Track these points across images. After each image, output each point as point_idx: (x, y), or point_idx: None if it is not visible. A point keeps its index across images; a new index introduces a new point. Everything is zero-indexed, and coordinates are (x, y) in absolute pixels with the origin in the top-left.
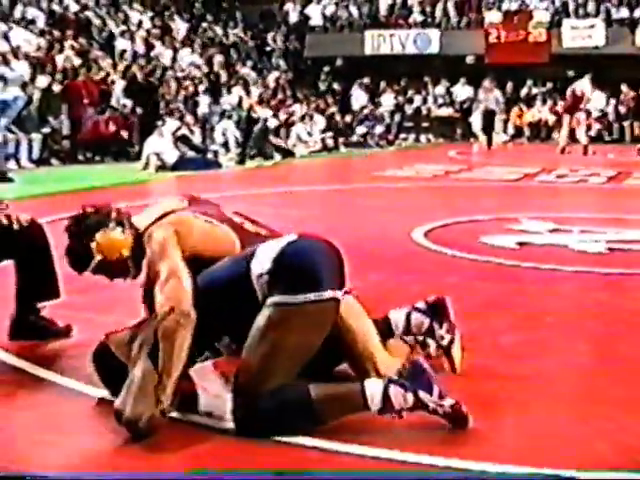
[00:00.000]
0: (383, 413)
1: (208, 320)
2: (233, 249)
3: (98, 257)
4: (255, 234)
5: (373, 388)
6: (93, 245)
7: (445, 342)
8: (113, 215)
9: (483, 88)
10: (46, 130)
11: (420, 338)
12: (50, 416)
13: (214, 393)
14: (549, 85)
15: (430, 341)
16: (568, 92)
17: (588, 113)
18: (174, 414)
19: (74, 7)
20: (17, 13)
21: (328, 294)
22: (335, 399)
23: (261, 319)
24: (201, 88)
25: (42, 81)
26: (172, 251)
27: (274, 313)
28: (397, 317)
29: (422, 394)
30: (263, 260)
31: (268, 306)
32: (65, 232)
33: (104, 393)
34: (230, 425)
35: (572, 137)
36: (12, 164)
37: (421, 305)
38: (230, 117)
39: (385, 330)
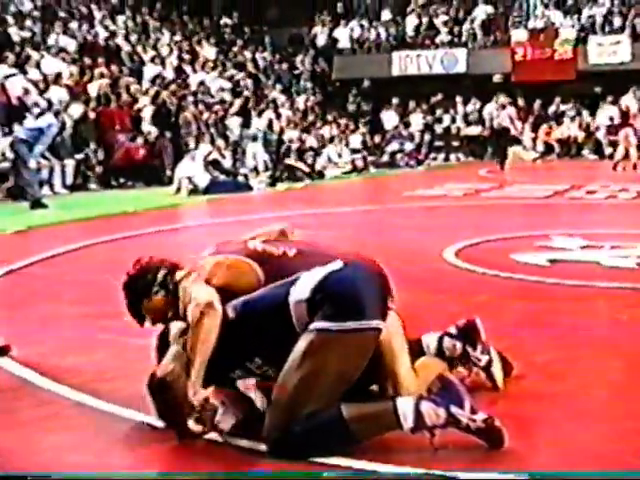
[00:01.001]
0: (416, 431)
1: (243, 339)
2: (255, 280)
3: (149, 317)
4: (285, 258)
5: (405, 406)
6: (142, 310)
7: (483, 363)
8: (159, 276)
9: (497, 105)
10: (79, 156)
11: (456, 362)
12: (87, 439)
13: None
14: (577, 102)
15: (467, 364)
16: (616, 108)
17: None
18: (209, 435)
19: (104, 34)
20: (49, 41)
21: (370, 323)
22: (368, 418)
23: (301, 344)
24: (231, 112)
25: (75, 108)
26: (199, 281)
27: (315, 338)
28: (429, 340)
29: (454, 409)
30: (303, 288)
31: (310, 331)
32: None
33: (140, 415)
34: (263, 447)
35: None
36: (46, 190)
37: (452, 330)
38: (256, 139)
39: (417, 351)
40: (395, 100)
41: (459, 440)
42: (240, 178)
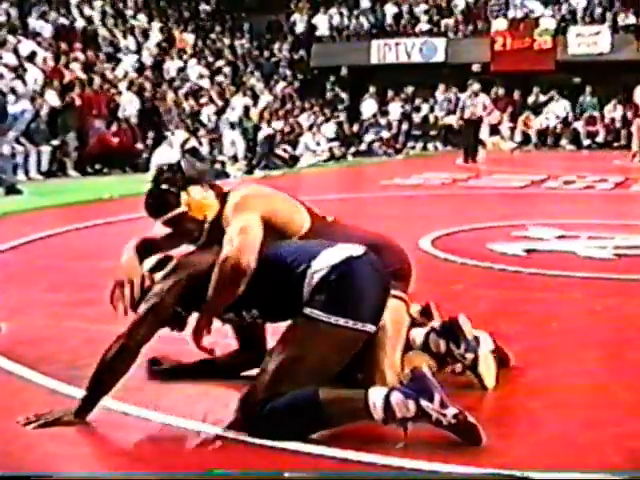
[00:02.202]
0: (387, 423)
1: (253, 289)
2: (302, 224)
3: (182, 209)
4: (325, 219)
5: (375, 396)
6: (184, 195)
7: (468, 361)
8: (208, 180)
9: (469, 92)
10: (55, 142)
11: (446, 358)
12: (62, 426)
13: None
14: (555, 92)
15: (453, 360)
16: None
17: None
18: (181, 423)
19: (81, 19)
20: (25, 25)
21: (363, 326)
22: (341, 403)
23: (291, 326)
24: (209, 99)
25: (50, 94)
26: (251, 206)
27: (305, 324)
28: (415, 335)
29: (423, 402)
30: (320, 265)
31: (303, 315)
32: (157, 173)
33: (114, 404)
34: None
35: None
36: (21, 176)
37: (437, 326)
38: (234, 127)
39: (405, 346)
40: (373, 88)
41: (435, 433)
42: (217, 165)
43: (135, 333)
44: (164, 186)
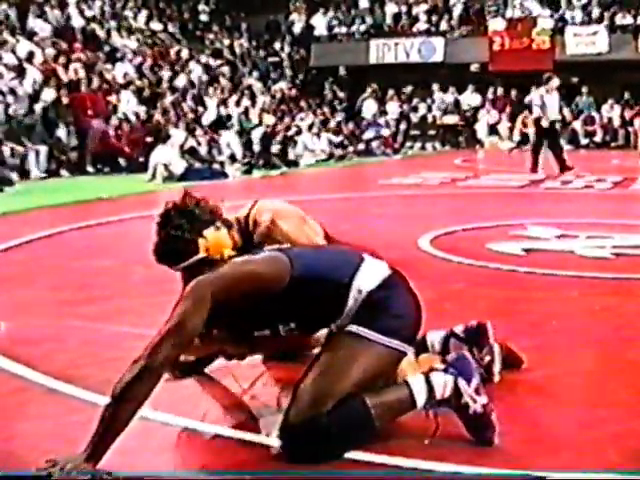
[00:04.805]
0: (427, 408)
1: (289, 298)
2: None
3: (202, 255)
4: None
5: (417, 384)
6: (201, 241)
7: (485, 362)
8: (219, 214)
9: (546, 88)
10: (53, 141)
11: None
12: (61, 426)
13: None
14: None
15: None
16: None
17: None
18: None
19: (80, 19)
20: (24, 25)
21: (404, 348)
22: (386, 402)
23: (336, 342)
24: (207, 99)
25: (49, 93)
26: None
27: (353, 342)
28: (434, 338)
29: (461, 382)
30: (367, 278)
31: (348, 332)
32: (162, 220)
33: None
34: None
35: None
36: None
37: (459, 331)
38: (230, 127)
39: (420, 347)
40: (372, 88)
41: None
42: (216, 165)
43: (155, 353)
44: (176, 232)
